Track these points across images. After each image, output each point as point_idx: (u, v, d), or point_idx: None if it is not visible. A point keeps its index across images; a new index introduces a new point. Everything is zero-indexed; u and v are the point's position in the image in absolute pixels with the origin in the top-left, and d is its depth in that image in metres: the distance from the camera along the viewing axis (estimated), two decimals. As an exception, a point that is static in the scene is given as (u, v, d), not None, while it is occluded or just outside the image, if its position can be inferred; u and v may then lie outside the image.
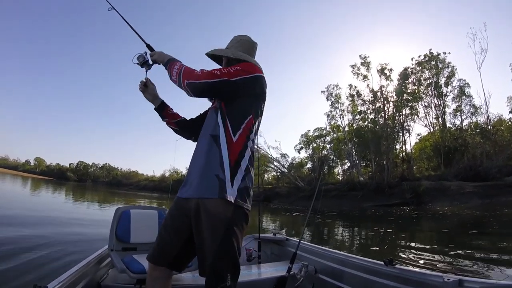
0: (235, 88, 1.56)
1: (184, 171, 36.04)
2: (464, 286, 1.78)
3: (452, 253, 6.68)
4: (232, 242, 1.42)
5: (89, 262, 2.20)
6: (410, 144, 37.20)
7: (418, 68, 36.33)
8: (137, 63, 1.89)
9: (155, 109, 1.95)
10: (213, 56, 1.85)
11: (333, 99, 38.24)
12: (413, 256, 6.44)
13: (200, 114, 1.91)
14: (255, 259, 3.37)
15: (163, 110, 1.93)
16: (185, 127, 1.92)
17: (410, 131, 36.04)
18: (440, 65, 35.45)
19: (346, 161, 41.99)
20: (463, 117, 33.69)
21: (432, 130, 35.78)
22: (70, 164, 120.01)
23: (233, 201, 1.44)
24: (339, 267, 2.74)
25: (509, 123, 32.41)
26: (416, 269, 2.21)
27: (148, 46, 1.90)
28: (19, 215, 8.95)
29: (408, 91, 35.17)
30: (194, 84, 1.55)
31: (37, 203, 15.31)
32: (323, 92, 38.72)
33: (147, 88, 1.93)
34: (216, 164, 1.47)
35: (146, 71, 1.92)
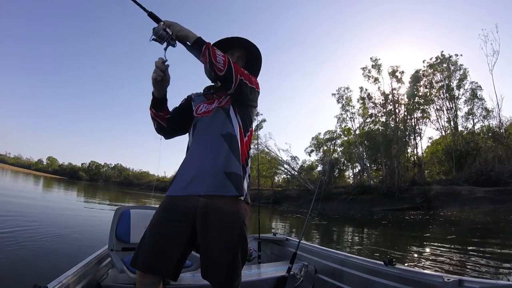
0: (255, 99, 1.69)
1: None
2: (464, 286, 1.78)
3: (455, 256, 6.62)
4: (246, 237, 1.48)
5: (89, 262, 2.21)
6: (422, 147, 36.70)
7: (429, 71, 35.89)
8: (155, 39, 1.42)
9: (157, 97, 1.62)
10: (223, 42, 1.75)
11: (343, 101, 37.96)
12: (413, 258, 6.39)
13: (175, 107, 1.80)
14: (255, 259, 3.40)
15: (165, 101, 1.67)
16: (173, 125, 1.75)
17: (422, 135, 35.45)
18: (452, 68, 35.04)
19: (356, 164, 41.61)
20: (475, 121, 33.12)
21: (443, 133, 35.24)
22: (82, 163, 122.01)
23: (243, 198, 1.51)
24: (339, 267, 2.75)
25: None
26: (416, 269, 2.20)
27: (151, 15, 1.46)
28: (21, 214, 8.86)
29: (420, 93, 34.58)
30: (244, 83, 1.54)
31: (46, 201, 15.45)
32: (333, 94, 38.56)
33: (165, 77, 1.54)
34: (230, 161, 1.49)
35: (166, 50, 1.46)
